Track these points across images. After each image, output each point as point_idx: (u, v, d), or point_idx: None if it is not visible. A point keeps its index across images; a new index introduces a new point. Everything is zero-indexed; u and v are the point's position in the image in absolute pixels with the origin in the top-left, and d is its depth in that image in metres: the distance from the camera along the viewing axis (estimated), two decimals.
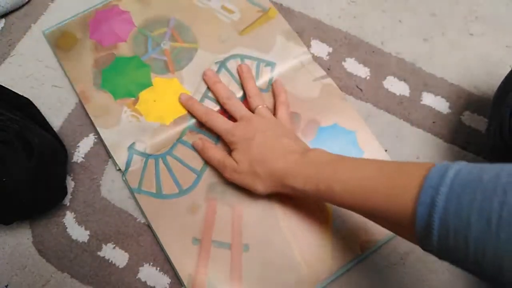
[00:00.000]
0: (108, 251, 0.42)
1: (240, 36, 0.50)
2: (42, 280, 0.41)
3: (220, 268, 0.39)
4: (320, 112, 0.47)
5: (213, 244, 0.40)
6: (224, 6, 0.52)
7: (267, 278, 0.39)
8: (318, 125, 0.46)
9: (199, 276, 0.39)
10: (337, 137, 0.45)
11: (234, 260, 0.39)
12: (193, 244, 0.40)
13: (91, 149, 0.47)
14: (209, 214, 0.42)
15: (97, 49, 0.49)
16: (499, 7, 0.55)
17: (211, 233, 0.41)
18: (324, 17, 0.54)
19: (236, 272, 0.39)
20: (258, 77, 0.48)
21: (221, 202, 0.42)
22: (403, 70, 0.51)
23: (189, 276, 0.39)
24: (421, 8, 0.55)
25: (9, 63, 0.51)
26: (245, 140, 0.39)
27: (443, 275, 0.42)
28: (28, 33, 0.53)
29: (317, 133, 0.45)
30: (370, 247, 0.41)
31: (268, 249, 0.40)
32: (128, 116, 0.45)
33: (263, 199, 0.42)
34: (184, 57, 0.49)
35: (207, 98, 0.47)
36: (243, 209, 0.42)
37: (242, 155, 0.39)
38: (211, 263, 0.39)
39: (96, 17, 0.51)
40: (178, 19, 0.51)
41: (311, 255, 0.40)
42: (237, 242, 0.40)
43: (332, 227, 0.41)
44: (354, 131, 0.45)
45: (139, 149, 0.44)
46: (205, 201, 0.42)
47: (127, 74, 0.48)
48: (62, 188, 0.43)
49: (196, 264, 0.39)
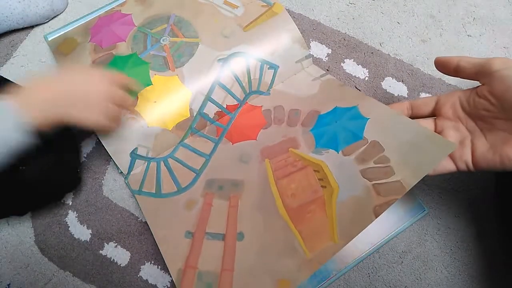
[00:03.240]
0: (110, 249, 0.43)
1: (244, 32, 0.48)
2: (44, 278, 0.42)
3: (212, 260, 0.37)
4: (320, 103, 0.45)
5: (206, 236, 0.39)
6: (227, 1, 0.50)
7: (263, 264, 0.37)
8: (318, 113, 0.44)
9: (188, 270, 0.37)
10: (340, 117, 0.43)
11: (227, 250, 0.38)
12: (185, 237, 0.39)
13: (93, 149, 0.47)
14: (204, 208, 0.41)
15: (96, 51, 0.47)
16: (496, 8, 0.56)
17: (205, 226, 0.40)
18: (323, 18, 0.55)
19: (228, 262, 0.37)
20: (261, 78, 0.48)
21: (218, 196, 0.41)
22: (401, 71, 0.52)
23: (179, 271, 0.37)
24: (419, 10, 0.56)
25: (11, 64, 0.51)
26: None
27: (441, 273, 0.42)
28: (30, 34, 0.53)
29: (316, 121, 0.44)
30: (384, 210, 0.35)
31: (265, 235, 0.38)
32: (128, 119, 0.43)
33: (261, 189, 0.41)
34: (185, 52, 0.46)
35: (210, 100, 0.46)
36: (240, 199, 0.40)
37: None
38: (202, 256, 0.38)
39: (97, 23, 0.50)
40: (178, 15, 0.49)
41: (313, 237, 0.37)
42: (231, 231, 0.39)
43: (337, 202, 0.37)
44: (356, 106, 0.43)
45: (141, 154, 0.44)
46: (201, 196, 0.41)
47: (125, 72, 0.45)
48: (76, 174, 0.44)
49: (186, 257, 0.38)
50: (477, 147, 0.34)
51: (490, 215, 0.44)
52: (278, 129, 0.45)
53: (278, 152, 0.42)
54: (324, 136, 0.42)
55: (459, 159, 0.35)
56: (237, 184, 0.41)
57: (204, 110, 0.45)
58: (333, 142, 0.40)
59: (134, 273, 0.42)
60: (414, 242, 0.43)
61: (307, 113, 0.45)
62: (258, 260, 0.37)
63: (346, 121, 0.42)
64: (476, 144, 0.34)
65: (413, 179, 0.34)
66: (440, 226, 0.44)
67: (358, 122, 0.41)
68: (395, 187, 0.35)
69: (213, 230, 0.39)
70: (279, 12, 0.49)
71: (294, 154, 0.42)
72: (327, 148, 0.40)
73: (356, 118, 0.42)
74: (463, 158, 0.34)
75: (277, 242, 0.37)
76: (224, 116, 0.47)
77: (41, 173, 0.37)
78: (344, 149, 0.39)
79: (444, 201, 0.45)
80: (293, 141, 0.43)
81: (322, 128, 0.42)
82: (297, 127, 0.44)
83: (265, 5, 0.50)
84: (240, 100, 0.47)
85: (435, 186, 0.45)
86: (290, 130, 0.44)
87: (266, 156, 0.43)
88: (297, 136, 0.43)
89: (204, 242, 0.39)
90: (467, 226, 0.44)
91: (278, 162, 0.42)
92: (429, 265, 0.42)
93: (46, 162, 0.38)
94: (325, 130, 0.42)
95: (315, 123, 0.44)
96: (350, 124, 0.41)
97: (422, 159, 0.35)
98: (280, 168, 0.41)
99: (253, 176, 0.41)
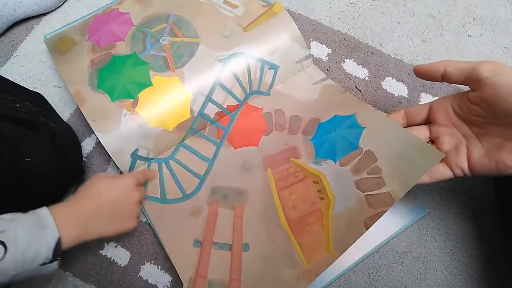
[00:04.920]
0: (110, 249, 0.43)
1: (244, 32, 0.47)
2: (44, 278, 0.42)
3: (220, 269, 0.39)
4: (320, 110, 0.45)
5: (214, 246, 0.40)
6: (227, 1, 0.50)
7: (266, 274, 0.38)
8: (318, 121, 0.45)
9: (199, 279, 0.39)
10: (338, 126, 0.43)
11: (234, 260, 0.39)
12: (194, 246, 0.40)
13: (93, 149, 0.47)
14: (210, 217, 0.41)
15: (94, 50, 0.46)
16: (496, 8, 0.56)
17: (212, 235, 0.40)
18: (324, 18, 0.55)
19: (235, 272, 0.39)
20: (262, 79, 0.48)
21: (223, 205, 0.42)
22: (401, 71, 0.52)
23: (189, 279, 0.38)
24: (419, 10, 0.56)
25: (11, 64, 0.51)
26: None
27: (441, 273, 0.42)
28: (30, 34, 0.53)
29: (316, 130, 0.44)
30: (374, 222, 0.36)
31: (268, 245, 0.39)
32: (128, 119, 0.43)
33: (264, 199, 0.42)
34: (185, 52, 0.46)
35: (211, 101, 0.46)
36: (244, 209, 0.42)
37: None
38: (211, 265, 0.39)
39: (94, 22, 0.49)
40: (178, 14, 0.49)
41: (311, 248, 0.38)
42: (238, 242, 0.40)
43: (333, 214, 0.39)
44: (353, 114, 0.43)
45: (142, 155, 0.44)
46: (207, 204, 0.42)
47: (125, 73, 0.44)
48: (80, 169, 0.44)
49: (196, 266, 0.39)
50: (473, 153, 0.33)
51: (490, 215, 0.44)
52: (280, 136, 0.45)
53: (280, 161, 0.43)
54: (323, 146, 0.42)
55: (455, 165, 0.34)
56: (241, 193, 0.42)
57: (204, 110, 0.45)
58: (332, 152, 0.41)
59: (134, 273, 0.42)
60: (414, 242, 0.43)
61: (307, 121, 0.45)
62: (262, 270, 0.38)
63: (344, 130, 0.42)
64: (472, 150, 0.34)
65: (401, 190, 0.35)
66: (440, 226, 0.44)
67: (354, 131, 0.42)
68: (385, 198, 0.36)
69: (220, 240, 0.40)
70: (279, 12, 0.49)
71: (295, 164, 0.42)
72: (326, 158, 0.41)
73: (353, 127, 0.42)
74: (459, 164, 0.34)
75: (279, 253, 0.39)
76: (225, 116, 0.47)
77: (46, 165, 0.37)
78: (341, 159, 0.40)
79: (444, 201, 0.45)
80: (294, 150, 0.44)
81: (322, 138, 0.43)
82: (298, 135, 0.45)
83: (265, 5, 0.50)
84: (240, 101, 0.47)
85: (435, 186, 0.45)
86: (291, 139, 0.45)
87: (268, 165, 0.43)
88: (298, 145, 0.44)
89: (212, 251, 0.40)
90: (467, 226, 0.44)
91: (280, 172, 0.43)
92: (429, 265, 0.42)
93: (50, 153, 0.38)
94: (325, 139, 0.42)
95: (315, 132, 0.44)
96: (347, 133, 0.42)
97: (411, 169, 0.36)
98: (282, 179, 0.42)
99: (257, 185, 0.42)
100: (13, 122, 0.36)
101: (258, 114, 0.47)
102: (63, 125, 0.45)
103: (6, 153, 0.34)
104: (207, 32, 0.47)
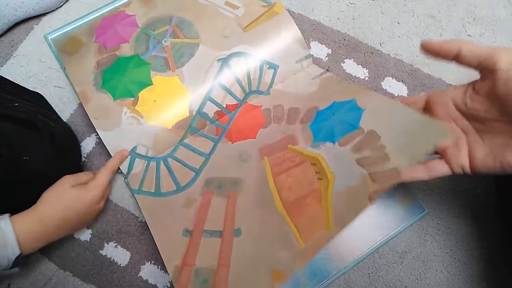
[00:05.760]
0: (110, 249, 0.43)
1: (244, 32, 0.48)
2: (44, 278, 0.42)
3: (209, 257, 0.37)
4: (319, 99, 0.45)
5: (204, 233, 0.39)
6: (228, 2, 0.50)
7: (259, 257, 0.36)
8: (317, 109, 0.44)
9: (185, 268, 0.37)
10: (338, 111, 0.42)
11: (224, 246, 0.38)
12: (184, 235, 0.39)
13: (93, 149, 0.47)
14: (203, 206, 0.41)
15: (101, 52, 0.48)
16: (496, 8, 0.56)
17: (203, 224, 0.39)
18: (323, 18, 0.55)
19: (224, 258, 0.37)
20: (261, 79, 0.48)
21: (217, 194, 0.41)
22: (401, 71, 0.52)
23: (175, 267, 0.37)
24: (419, 10, 0.56)
25: (11, 64, 0.51)
26: None
27: (441, 273, 0.42)
28: (30, 34, 0.53)
29: (315, 117, 0.43)
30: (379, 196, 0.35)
31: (262, 229, 0.38)
32: (128, 117, 0.44)
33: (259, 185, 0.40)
34: (185, 52, 0.47)
35: (210, 100, 0.46)
36: (238, 197, 0.40)
37: None
38: (200, 253, 0.38)
39: (102, 24, 0.50)
40: (180, 16, 0.49)
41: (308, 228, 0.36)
42: (229, 227, 0.39)
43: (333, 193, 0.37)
44: (353, 99, 0.42)
45: (141, 153, 0.44)
46: (200, 195, 0.41)
47: (127, 73, 0.46)
48: (79, 168, 0.45)
49: (183, 255, 0.38)
50: (475, 152, 0.31)
51: (490, 215, 0.44)
52: (278, 128, 0.45)
53: (277, 149, 0.42)
54: (322, 130, 0.41)
55: (455, 163, 0.32)
56: (236, 182, 0.41)
57: (203, 109, 0.45)
58: (330, 135, 0.40)
59: (134, 273, 0.42)
60: (414, 242, 0.43)
61: (306, 110, 0.45)
62: (254, 253, 0.37)
63: (343, 114, 0.41)
64: (474, 148, 0.32)
65: (408, 164, 0.33)
66: (440, 226, 0.44)
67: (354, 113, 0.40)
68: (391, 173, 0.34)
69: (211, 228, 0.39)
70: (280, 12, 0.49)
71: (292, 150, 0.41)
72: (325, 141, 0.40)
73: (353, 110, 0.41)
74: (459, 162, 0.32)
75: (273, 236, 0.37)
76: (224, 115, 0.47)
77: (45, 163, 0.38)
78: (340, 140, 0.39)
79: (444, 201, 0.45)
80: (292, 138, 0.43)
81: (321, 123, 0.42)
82: (296, 124, 0.44)
83: (266, 5, 0.50)
84: (239, 100, 0.47)
85: (435, 186, 0.45)
86: (289, 128, 0.44)
87: (265, 154, 0.43)
88: (296, 133, 0.43)
89: (202, 239, 0.39)
90: (467, 226, 0.44)
91: (277, 158, 0.42)
92: (429, 265, 0.42)
93: (49, 153, 0.38)
94: (323, 124, 0.41)
95: (314, 119, 0.43)
96: (347, 116, 0.41)
97: (416, 144, 0.34)
98: (278, 164, 0.41)
99: (252, 174, 0.41)
100: (13, 121, 0.37)
101: (257, 111, 0.47)
102: (63, 125, 0.45)
103: (5, 153, 0.35)
104: (208, 33, 0.48)
